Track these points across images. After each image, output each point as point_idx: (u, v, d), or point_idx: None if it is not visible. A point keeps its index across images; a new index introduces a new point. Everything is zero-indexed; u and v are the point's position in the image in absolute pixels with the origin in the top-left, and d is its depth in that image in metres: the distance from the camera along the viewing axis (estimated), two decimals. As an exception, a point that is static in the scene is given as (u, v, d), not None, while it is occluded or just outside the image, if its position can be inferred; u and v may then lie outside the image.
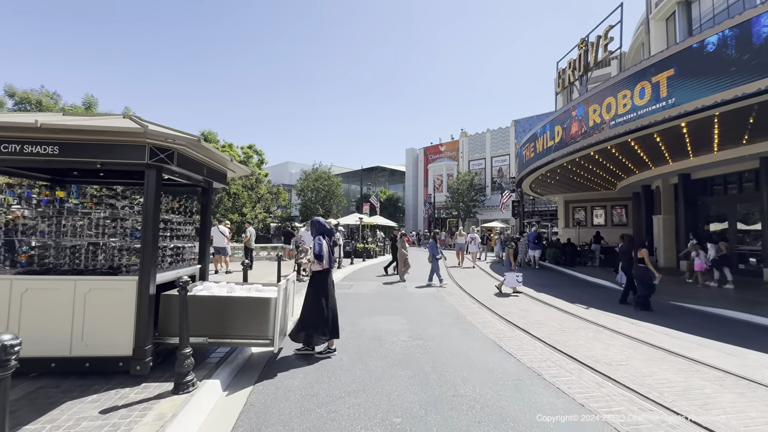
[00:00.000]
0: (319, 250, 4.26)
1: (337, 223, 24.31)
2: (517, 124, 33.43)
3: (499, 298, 8.18)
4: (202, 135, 39.30)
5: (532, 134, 14.69)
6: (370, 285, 9.83)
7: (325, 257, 4.29)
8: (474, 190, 33.21)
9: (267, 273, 10.71)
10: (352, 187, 52.25)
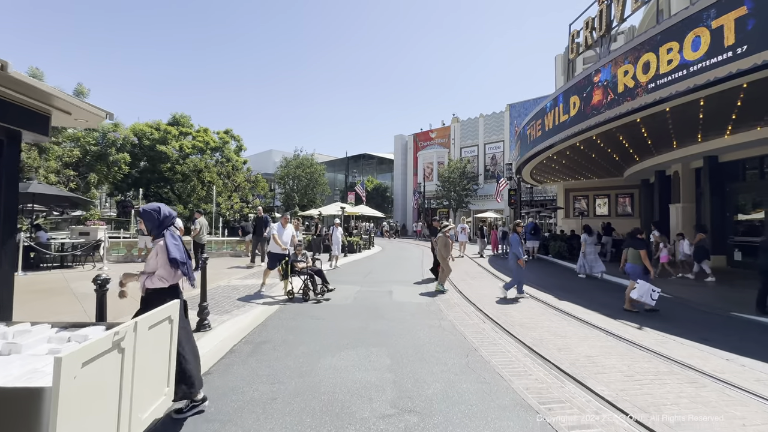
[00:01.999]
0: (173, 254, 2.54)
1: (319, 213, 22.12)
2: (512, 109, 31.46)
3: (511, 309, 6.22)
4: (173, 118, 36.29)
5: (539, 109, 12.69)
6: (350, 290, 7.75)
7: (179, 264, 2.58)
8: (466, 179, 31.27)
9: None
10: (338, 177, 49.84)
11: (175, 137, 34.36)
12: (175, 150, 33.58)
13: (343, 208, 17.95)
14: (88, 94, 25.04)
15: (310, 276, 6.92)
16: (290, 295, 6.80)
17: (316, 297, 6.81)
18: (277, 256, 7.26)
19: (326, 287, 7.10)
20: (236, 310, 5.73)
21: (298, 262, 7.19)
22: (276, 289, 7.56)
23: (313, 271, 7.08)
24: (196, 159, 32.30)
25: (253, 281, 8.38)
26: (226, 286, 7.71)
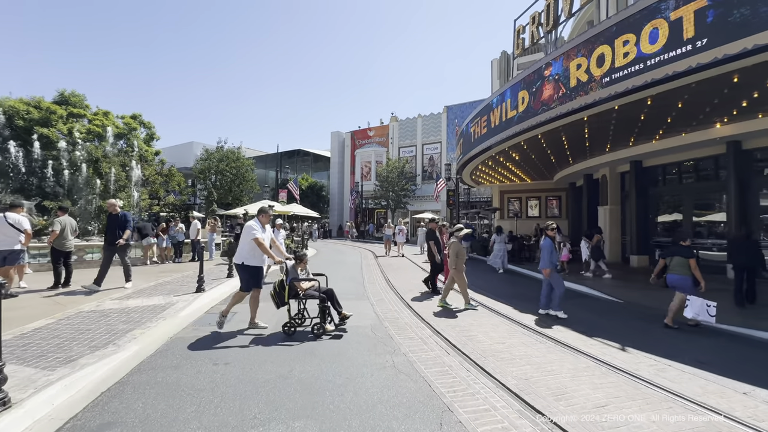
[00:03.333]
0: None
1: (245, 212, 19.51)
2: (450, 111, 31.77)
3: (472, 328, 5.15)
4: (61, 95, 30.08)
5: (485, 105, 12.15)
6: (271, 310, 6.05)
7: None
8: (405, 179, 30.75)
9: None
10: (270, 174, 46.33)
11: (63, 119, 28.34)
12: (62, 134, 27.66)
13: (272, 207, 15.79)
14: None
15: (322, 300, 4.97)
16: (290, 327, 4.78)
17: (326, 330, 4.84)
18: (256, 270, 5.10)
19: (342, 314, 5.11)
20: (87, 356, 3.75)
21: (302, 280, 5.14)
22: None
23: (325, 292, 5.13)
24: (91, 146, 26.91)
25: (138, 303, 6.21)
26: (90, 313, 5.48)
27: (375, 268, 12.12)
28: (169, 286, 7.76)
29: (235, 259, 5.09)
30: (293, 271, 5.11)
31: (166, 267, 10.89)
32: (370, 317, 5.69)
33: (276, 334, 4.80)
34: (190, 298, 6.61)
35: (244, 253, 5.01)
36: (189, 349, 4.17)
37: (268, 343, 4.45)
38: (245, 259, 5.01)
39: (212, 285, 7.96)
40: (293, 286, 4.95)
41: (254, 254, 5.03)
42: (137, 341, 4.37)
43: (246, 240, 4.99)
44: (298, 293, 5.03)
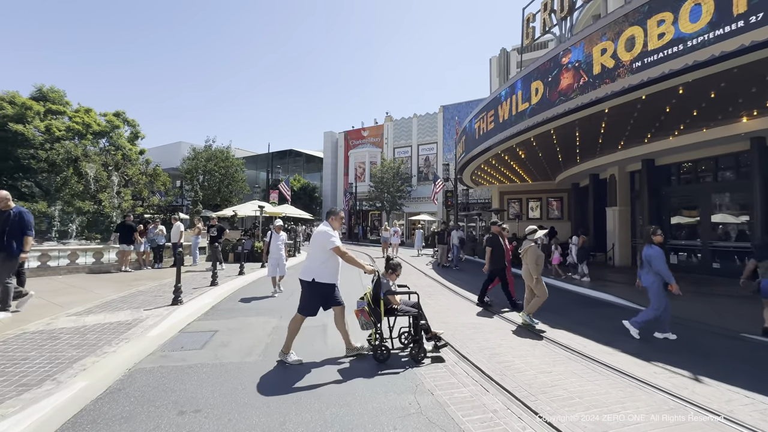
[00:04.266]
0: None
1: (234, 213, 18.44)
2: (446, 110, 31.11)
3: (508, 354, 4.30)
4: (38, 91, 28.59)
5: (492, 99, 11.38)
6: (259, 329, 5.12)
7: None
8: (400, 180, 29.94)
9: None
10: (261, 175, 45.10)
11: (40, 115, 26.83)
12: (39, 131, 26.14)
13: (262, 207, 14.81)
14: None
15: (415, 318, 4.08)
16: (383, 352, 3.87)
17: (426, 351, 4.00)
18: (331, 289, 4.03)
19: (433, 333, 4.12)
20: (6, 402, 2.77)
21: (397, 293, 4.19)
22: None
23: (415, 307, 4.20)
24: (70, 144, 25.50)
25: (99, 319, 5.21)
26: (36, 334, 4.47)
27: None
28: (142, 297, 6.75)
29: (303, 275, 3.96)
30: (386, 282, 4.14)
31: (143, 273, 9.83)
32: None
33: (256, 364, 3.86)
34: (164, 312, 5.63)
35: (316, 266, 3.93)
36: (151, 387, 3.21)
37: (251, 374, 3.52)
38: (317, 275, 3.90)
39: (192, 295, 6.97)
40: (387, 300, 4.03)
41: (328, 267, 3.96)
42: (85, 375, 3.40)
43: (321, 249, 3.92)
44: (394, 309, 4.10)
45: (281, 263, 7.63)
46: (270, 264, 7.60)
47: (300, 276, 4.01)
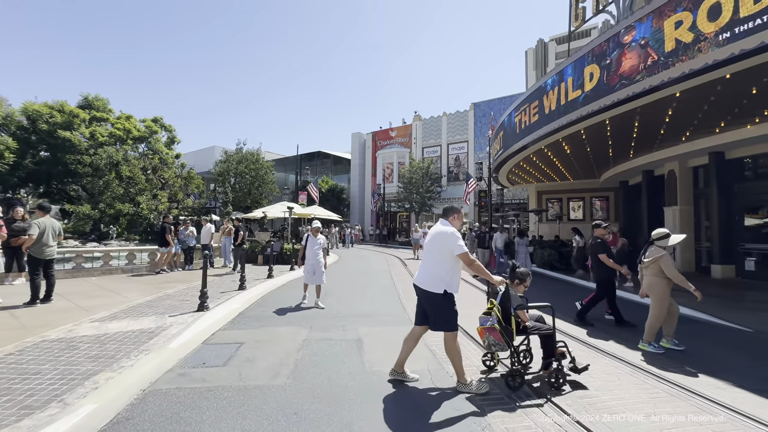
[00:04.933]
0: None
1: (263, 214, 18.40)
2: (477, 108, 29.96)
3: (598, 388, 3.51)
4: (84, 99, 30.17)
5: (536, 88, 10.44)
6: (286, 341, 4.61)
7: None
8: (429, 180, 29.08)
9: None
10: (290, 178, 45.64)
11: (85, 122, 28.32)
12: (84, 138, 27.58)
13: (291, 209, 14.56)
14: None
15: (548, 336, 3.48)
16: (516, 378, 3.25)
17: (566, 377, 3.34)
18: (448, 300, 3.26)
19: (572, 360, 3.47)
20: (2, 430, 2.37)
21: (522, 307, 3.46)
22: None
23: (539, 320, 3.67)
24: (112, 149, 26.65)
25: (122, 326, 4.89)
26: (55, 342, 4.17)
27: (407, 278, 10.57)
28: (169, 301, 6.47)
29: (430, 286, 3.24)
30: (514, 294, 3.49)
31: (173, 276, 9.70)
32: (424, 356, 4.13)
33: (281, 388, 3.30)
34: (189, 320, 5.26)
35: (444, 273, 3.23)
36: (163, 417, 2.73)
37: (274, 406, 2.97)
38: (449, 284, 3.22)
39: (219, 300, 6.62)
40: (516, 314, 3.43)
41: (456, 276, 3.32)
42: (95, 395, 3.00)
43: (448, 254, 3.23)
44: (526, 328, 3.48)
45: (318, 270, 6.63)
46: (306, 270, 6.69)
47: (424, 286, 3.29)
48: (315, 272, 6.62)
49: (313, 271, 6.62)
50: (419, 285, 3.37)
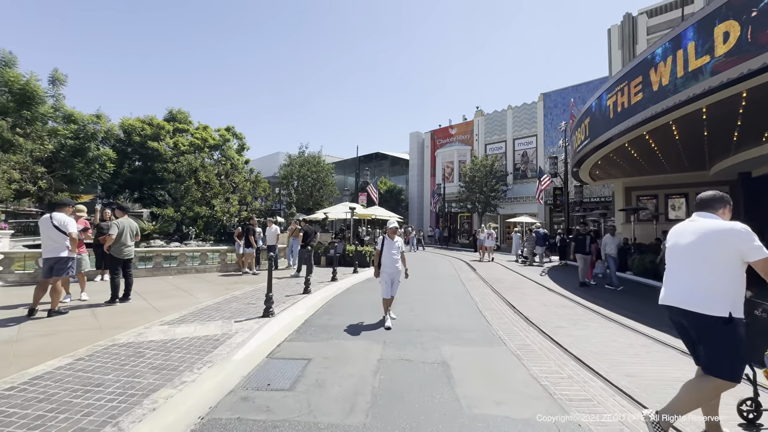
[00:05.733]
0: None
1: (325, 215, 18.46)
2: (547, 98, 27.44)
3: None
4: (169, 113, 33.40)
5: (638, 62, 8.76)
6: (361, 360, 3.96)
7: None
8: (494, 178, 27.22)
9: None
10: (348, 180, 46.36)
11: (170, 134, 31.35)
12: (169, 147, 30.54)
13: (353, 209, 14.25)
14: (66, 81, 21.98)
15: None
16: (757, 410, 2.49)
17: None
18: (734, 329, 2.20)
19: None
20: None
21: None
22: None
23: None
24: (191, 157, 29.06)
25: (189, 331, 4.65)
26: (123, 348, 3.98)
27: (480, 284, 9.52)
28: (235, 304, 6.26)
29: (704, 307, 2.23)
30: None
31: (241, 277, 9.77)
32: (534, 392, 3.19)
33: (353, 414, 2.60)
34: (254, 326, 4.89)
35: (726, 285, 2.24)
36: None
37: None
38: (734, 304, 2.22)
39: (284, 305, 6.26)
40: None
41: (742, 290, 2.27)
42: (152, 420, 2.59)
43: (734, 259, 2.24)
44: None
45: (397, 279, 5.42)
46: (383, 280, 5.42)
47: (692, 306, 2.28)
48: (393, 282, 5.40)
49: (392, 280, 5.39)
50: (681, 305, 2.34)
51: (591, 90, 24.14)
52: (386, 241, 5.46)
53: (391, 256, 5.37)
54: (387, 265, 5.37)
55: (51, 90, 21.77)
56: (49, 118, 22.19)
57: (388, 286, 5.37)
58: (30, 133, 20.16)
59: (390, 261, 5.36)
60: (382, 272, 5.39)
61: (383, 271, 5.38)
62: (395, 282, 5.41)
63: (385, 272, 5.37)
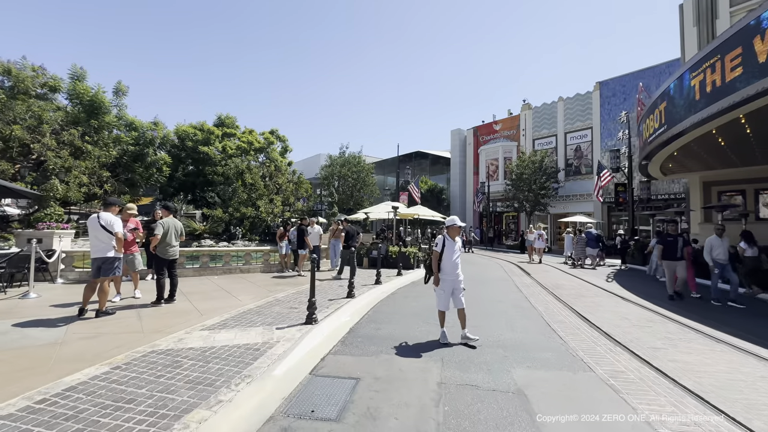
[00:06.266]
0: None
1: (366, 215, 18.12)
2: (604, 87, 25.17)
3: None
4: (218, 119, 34.99)
5: (737, 31, 7.34)
6: (415, 383, 3.39)
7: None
8: (544, 175, 25.43)
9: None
10: (388, 180, 46.00)
11: (218, 138, 32.84)
12: (218, 151, 32.00)
13: (396, 208, 13.70)
14: (127, 92, 23.63)
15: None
16: None
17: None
18: None
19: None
20: None
21: None
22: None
23: None
24: (238, 160, 30.19)
25: (230, 337, 4.34)
26: (162, 356, 3.72)
27: (539, 290, 8.57)
28: (277, 307, 5.94)
29: None
30: None
31: (285, 278, 9.58)
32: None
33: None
34: (296, 335, 4.49)
35: None
36: None
37: None
38: None
39: (328, 310, 5.84)
40: None
41: None
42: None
43: None
44: None
45: (458, 288, 4.54)
46: (442, 289, 4.53)
47: None
48: (454, 290, 4.54)
49: (452, 290, 4.53)
50: None
51: (656, 75, 21.72)
52: (447, 241, 4.58)
53: (453, 260, 4.54)
54: (448, 272, 4.51)
55: (115, 100, 23.54)
56: (113, 126, 24.06)
57: (447, 297, 4.53)
58: (97, 141, 21.86)
59: (451, 266, 4.52)
60: (443, 280, 4.53)
61: (443, 279, 4.53)
62: (456, 290, 4.53)
63: (446, 280, 4.52)
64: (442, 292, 4.53)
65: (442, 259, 4.53)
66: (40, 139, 16.71)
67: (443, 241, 4.57)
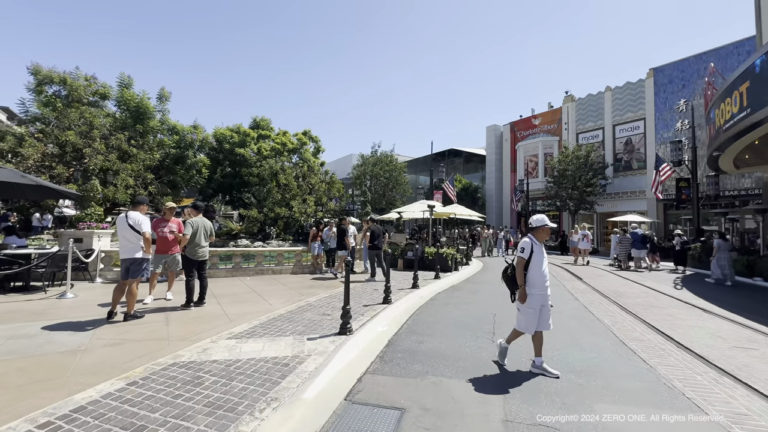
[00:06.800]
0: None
1: (399, 215, 17.56)
2: (659, 74, 22.95)
3: None
4: (254, 121, 35.84)
5: None
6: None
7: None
8: (590, 171, 23.60)
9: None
10: (420, 179, 45.14)
11: (254, 140, 33.61)
12: (253, 153, 32.73)
13: (432, 207, 13.01)
14: (170, 98, 24.62)
15: None
16: None
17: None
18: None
19: None
20: None
21: None
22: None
23: None
24: (273, 161, 30.70)
25: (257, 349, 3.92)
26: (183, 370, 3.35)
27: (597, 297, 7.59)
28: (309, 314, 5.51)
29: None
30: None
31: (317, 280, 9.22)
32: None
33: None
34: (329, 348, 4.00)
35: None
36: None
37: None
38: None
39: (363, 318, 5.34)
40: None
41: None
42: None
43: None
44: None
45: (546, 304, 3.62)
46: (531, 307, 3.57)
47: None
48: (543, 307, 3.60)
49: (540, 306, 3.59)
50: None
51: (724, 57, 19.38)
52: (536, 246, 3.64)
53: (542, 270, 3.61)
54: (537, 284, 3.58)
55: (158, 106, 24.64)
56: (157, 131, 25.24)
57: (536, 317, 3.57)
58: (143, 145, 22.91)
59: (541, 278, 3.59)
60: (531, 295, 3.57)
61: (531, 294, 3.57)
62: (544, 309, 3.60)
63: (534, 295, 3.57)
64: (531, 311, 3.56)
65: (530, 269, 3.61)
66: (91, 144, 17.60)
67: (531, 246, 3.62)
